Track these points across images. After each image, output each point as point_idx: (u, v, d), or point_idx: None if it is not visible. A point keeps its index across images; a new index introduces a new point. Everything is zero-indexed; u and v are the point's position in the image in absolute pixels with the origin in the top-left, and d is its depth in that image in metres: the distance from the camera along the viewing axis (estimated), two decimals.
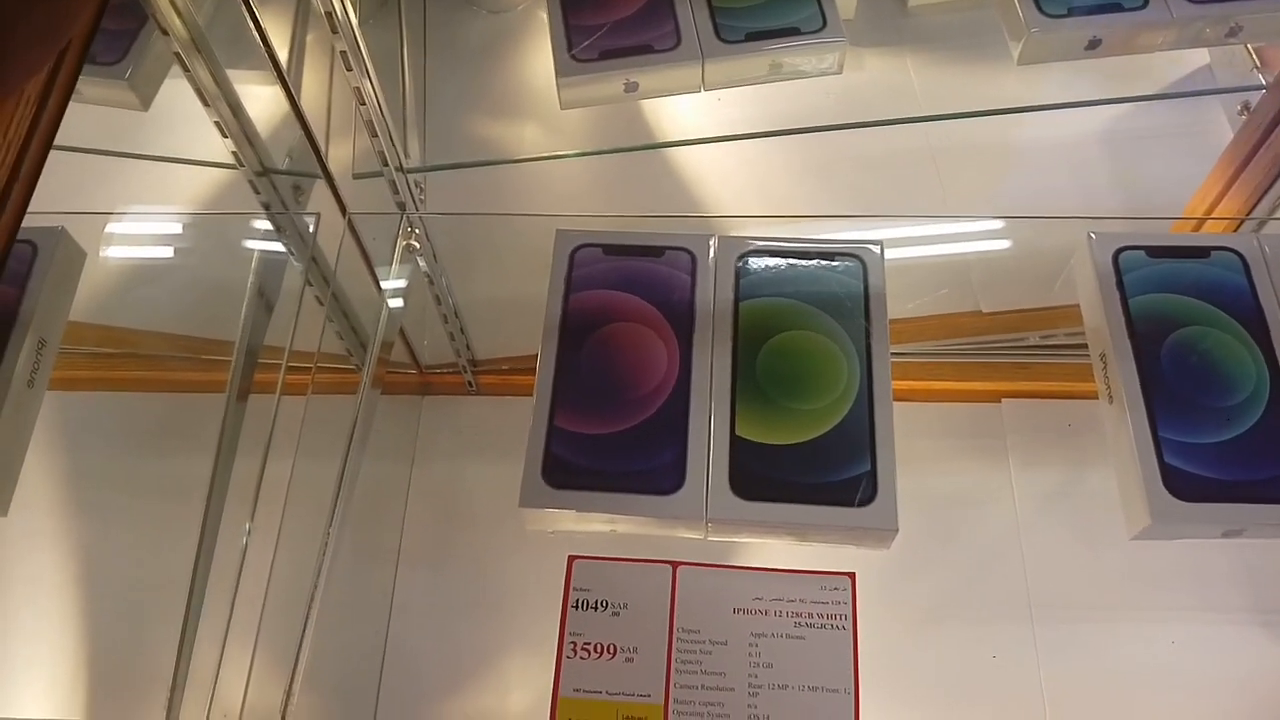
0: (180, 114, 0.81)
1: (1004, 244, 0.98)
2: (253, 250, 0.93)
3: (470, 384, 1.12)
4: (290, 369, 0.86)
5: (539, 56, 1.24)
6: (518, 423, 0.70)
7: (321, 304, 0.93)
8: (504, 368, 1.10)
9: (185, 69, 0.77)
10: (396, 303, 0.97)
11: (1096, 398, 0.73)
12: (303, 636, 0.73)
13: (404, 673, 0.96)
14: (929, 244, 1.00)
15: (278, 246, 0.93)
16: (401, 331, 1.03)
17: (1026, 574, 0.97)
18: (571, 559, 0.71)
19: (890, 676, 0.89)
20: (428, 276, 0.95)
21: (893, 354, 0.71)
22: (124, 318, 1.02)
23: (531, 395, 0.70)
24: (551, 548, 0.71)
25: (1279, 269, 0.72)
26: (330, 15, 0.69)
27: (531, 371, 0.71)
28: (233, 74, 0.79)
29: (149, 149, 0.97)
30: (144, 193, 1.08)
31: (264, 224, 0.91)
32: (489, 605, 0.98)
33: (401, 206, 0.87)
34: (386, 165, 0.81)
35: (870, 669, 0.64)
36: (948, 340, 1.09)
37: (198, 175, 1.04)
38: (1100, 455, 0.73)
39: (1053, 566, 0.97)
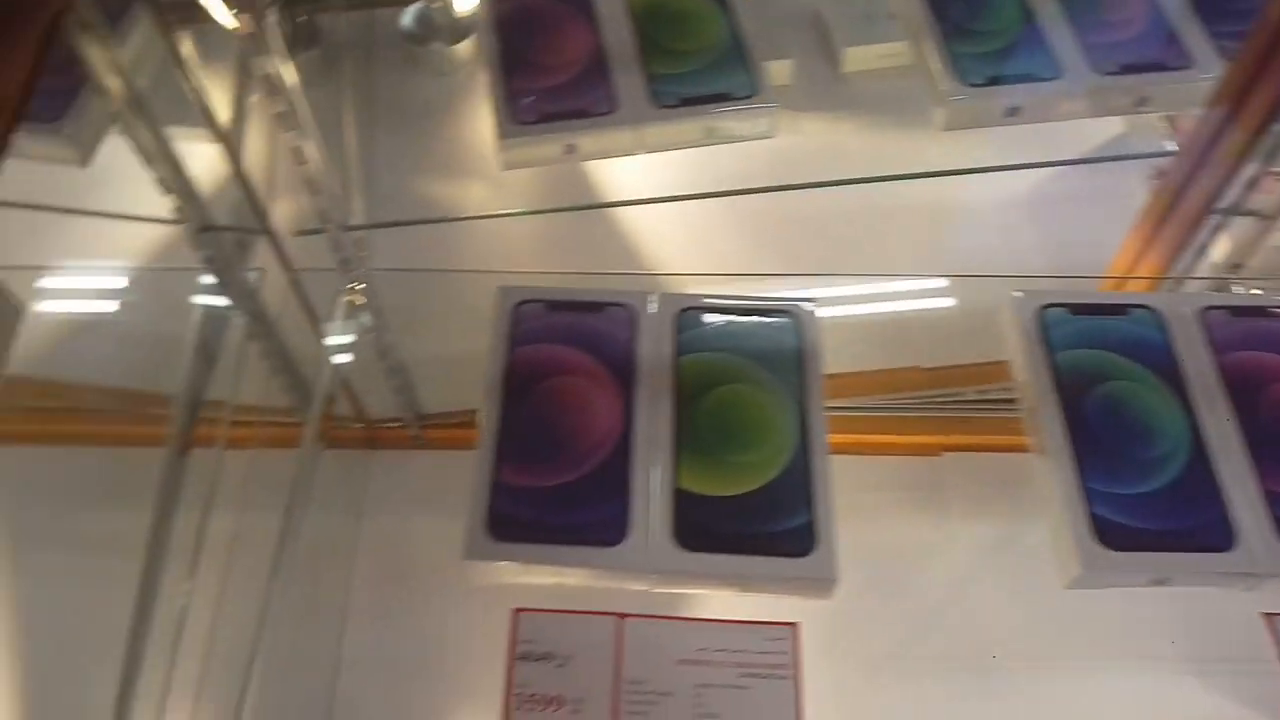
0: (122, 170, 0.81)
1: (941, 302, 1.01)
2: (195, 305, 0.93)
3: (417, 438, 1.12)
4: (234, 424, 0.86)
5: (482, 118, 1.26)
6: (464, 477, 0.70)
7: (264, 359, 0.93)
8: (451, 422, 1.10)
9: (126, 127, 0.77)
10: (340, 357, 0.97)
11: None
12: (243, 695, 0.71)
13: None
14: (866, 302, 1.03)
15: (220, 302, 0.93)
16: (348, 386, 1.02)
17: (968, 626, 0.98)
18: (516, 612, 0.71)
19: None
20: (371, 332, 0.96)
21: (837, 408, 0.72)
22: (64, 373, 1.01)
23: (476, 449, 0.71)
24: (498, 600, 0.71)
25: (1194, 325, 0.75)
26: (268, 77, 0.70)
27: (477, 425, 0.72)
28: (176, 130, 0.80)
29: (91, 205, 0.97)
30: (86, 247, 1.07)
31: (207, 279, 0.91)
32: (436, 659, 0.97)
33: (344, 263, 0.87)
34: (329, 223, 0.82)
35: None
36: (889, 395, 1.11)
37: (141, 231, 1.03)
38: (1037, 506, 0.74)
39: (994, 617, 0.99)
